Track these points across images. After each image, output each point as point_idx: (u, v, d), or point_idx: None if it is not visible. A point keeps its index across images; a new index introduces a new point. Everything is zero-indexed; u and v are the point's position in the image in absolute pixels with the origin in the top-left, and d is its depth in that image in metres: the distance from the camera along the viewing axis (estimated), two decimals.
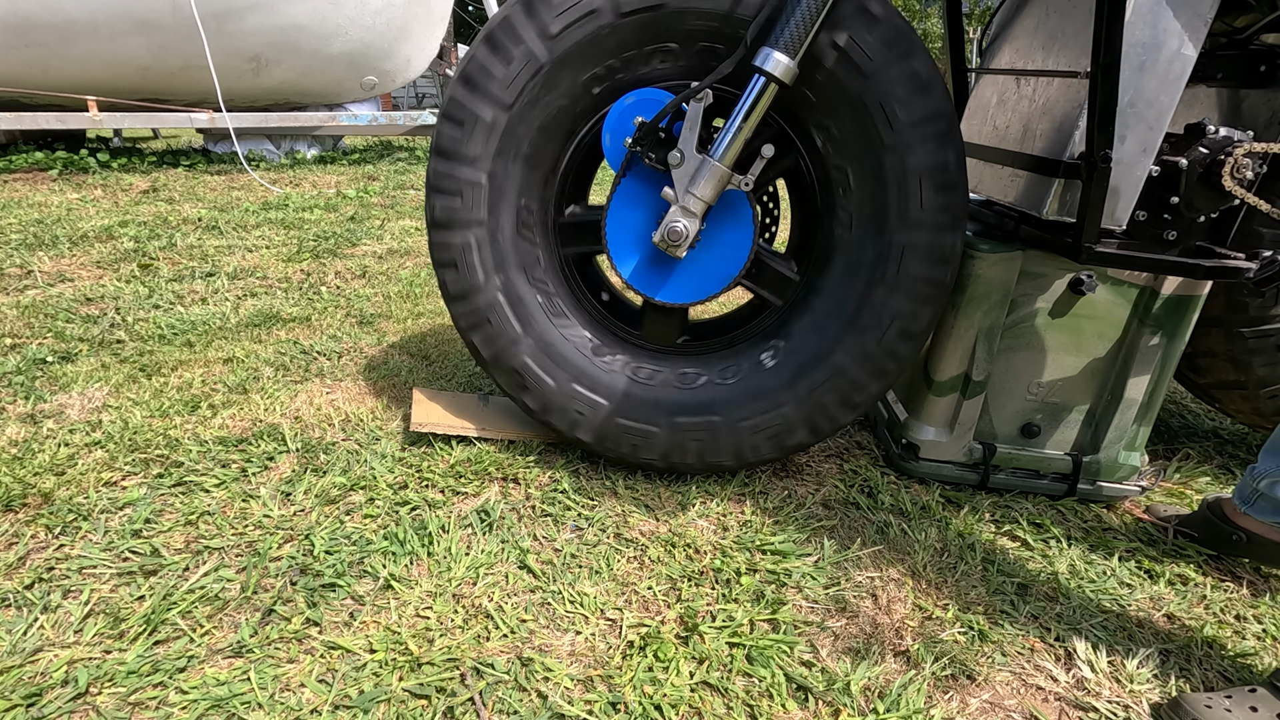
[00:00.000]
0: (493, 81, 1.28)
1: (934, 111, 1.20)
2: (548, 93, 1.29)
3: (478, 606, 1.10)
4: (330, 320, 2.26)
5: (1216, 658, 1.10)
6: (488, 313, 1.40)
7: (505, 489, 1.41)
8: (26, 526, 1.21)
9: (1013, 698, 1.00)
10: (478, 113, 1.29)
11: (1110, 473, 1.46)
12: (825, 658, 1.05)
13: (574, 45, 1.25)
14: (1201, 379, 1.66)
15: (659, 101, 1.27)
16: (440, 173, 1.33)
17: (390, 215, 3.96)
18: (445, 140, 1.31)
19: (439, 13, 6.10)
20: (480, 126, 1.30)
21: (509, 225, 1.38)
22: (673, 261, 1.37)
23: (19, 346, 1.92)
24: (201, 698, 0.91)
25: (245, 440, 1.51)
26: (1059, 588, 1.23)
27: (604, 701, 0.94)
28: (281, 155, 5.85)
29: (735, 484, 1.46)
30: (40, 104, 4.88)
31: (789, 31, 1.13)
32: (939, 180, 1.23)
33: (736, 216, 1.33)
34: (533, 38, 1.25)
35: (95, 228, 3.24)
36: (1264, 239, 1.38)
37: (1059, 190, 1.24)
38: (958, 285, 1.37)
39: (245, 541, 1.21)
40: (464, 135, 1.31)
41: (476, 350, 1.42)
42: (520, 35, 1.25)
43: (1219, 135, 1.19)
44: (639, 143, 1.27)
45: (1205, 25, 1.13)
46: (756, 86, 1.18)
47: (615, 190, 1.33)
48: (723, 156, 1.22)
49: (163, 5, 4.43)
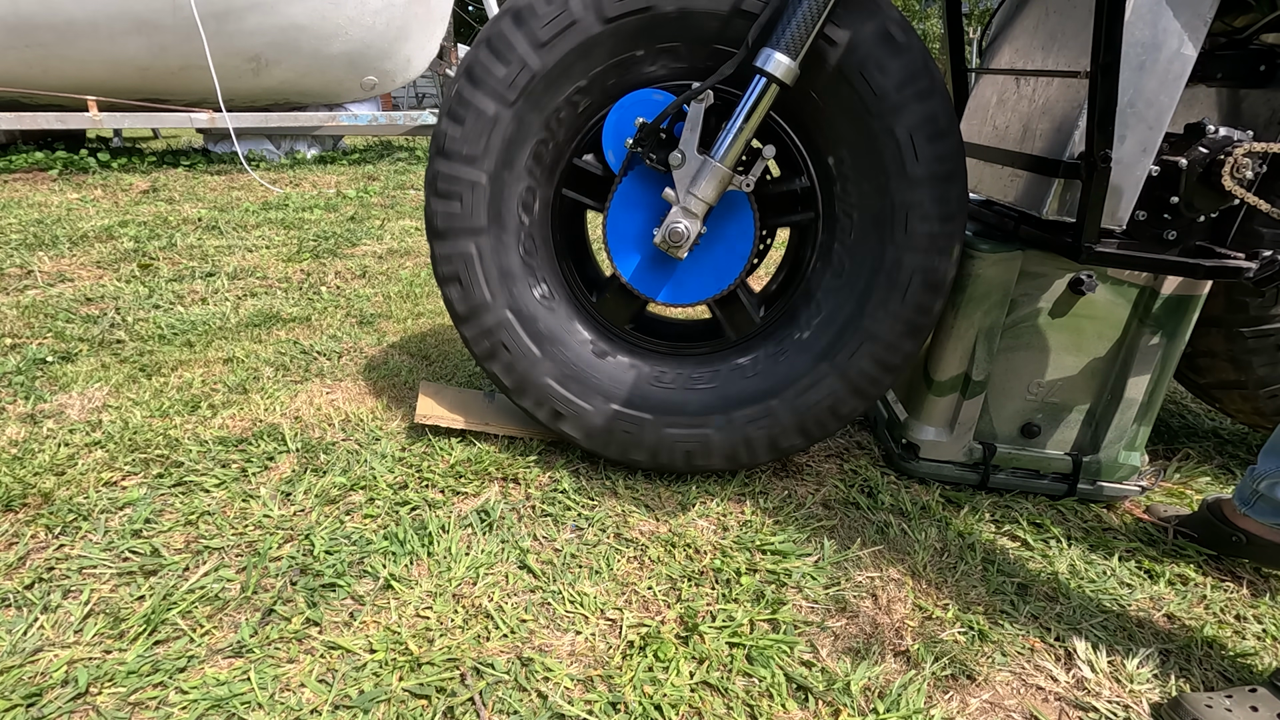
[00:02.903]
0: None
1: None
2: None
3: (478, 606, 1.10)
4: (330, 320, 2.26)
5: (1216, 657, 1.10)
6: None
7: (505, 489, 1.41)
8: (26, 526, 1.21)
9: (1013, 698, 1.00)
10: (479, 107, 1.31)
11: (1110, 473, 1.46)
12: (825, 658, 1.05)
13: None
14: (1201, 379, 1.66)
15: (658, 103, 1.27)
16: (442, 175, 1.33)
17: (390, 215, 3.96)
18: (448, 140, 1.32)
19: (439, 13, 6.10)
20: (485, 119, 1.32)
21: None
22: (673, 262, 1.37)
23: (19, 346, 1.92)
24: (201, 698, 0.91)
25: (245, 440, 1.51)
26: (1059, 588, 1.23)
27: (604, 701, 0.94)
28: (281, 155, 5.85)
29: (735, 484, 1.46)
30: (40, 104, 4.88)
31: (790, 32, 1.13)
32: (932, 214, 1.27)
33: (737, 217, 1.33)
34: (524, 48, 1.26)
35: (95, 228, 3.24)
36: (1264, 239, 1.38)
37: (1059, 190, 1.24)
38: (958, 285, 1.37)
39: (245, 541, 1.21)
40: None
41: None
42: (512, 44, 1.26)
43: (1219, 135, 1.19)
44: (640, 143, 1.26)
45: (1205, 25, 1.13)
46: (758, 87, 1.18)
47: (615, 191, 1.33)
48: (724, 157, 1.22)
49: (163, 5, 4.43)
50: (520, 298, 1.40)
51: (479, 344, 1.40)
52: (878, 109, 1.22)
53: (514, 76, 1.26)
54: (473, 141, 1.29)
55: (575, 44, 1.24)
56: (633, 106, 1.29)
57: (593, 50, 1.25)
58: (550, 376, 1.41)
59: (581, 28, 1.23)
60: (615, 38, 1.24)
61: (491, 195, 1.33)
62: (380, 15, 5.40)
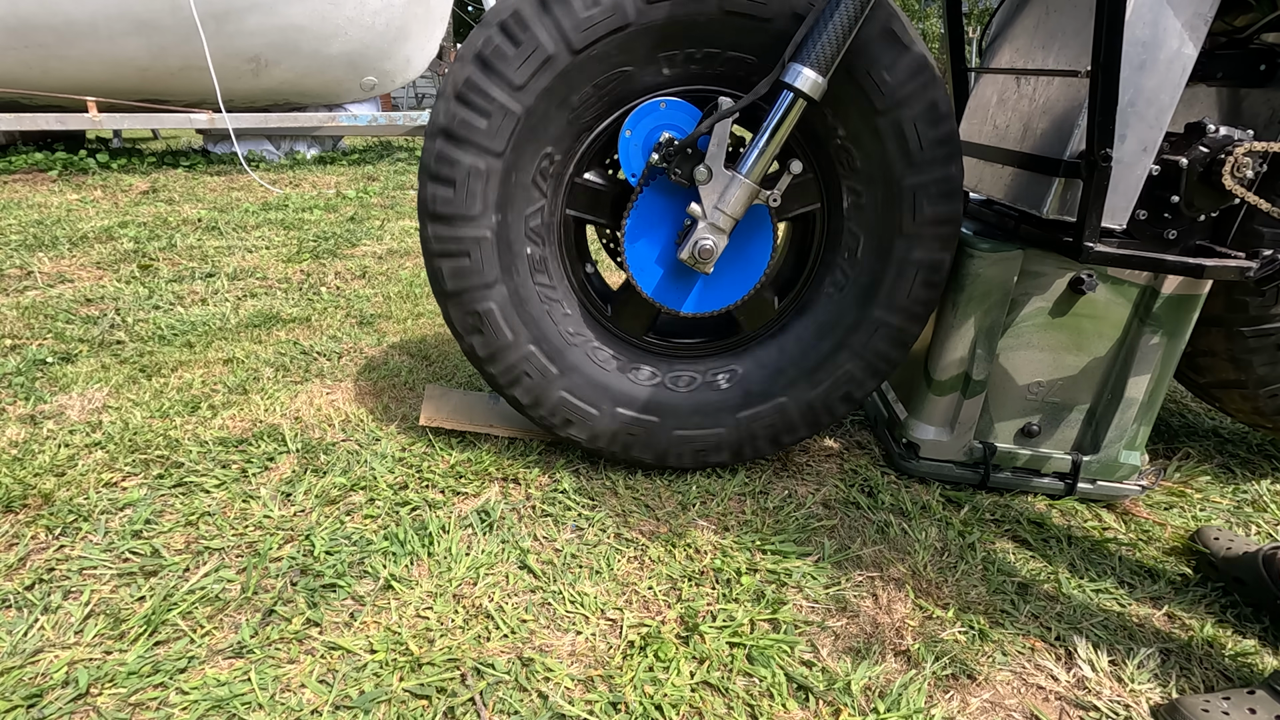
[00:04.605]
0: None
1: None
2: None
3: (478, 606, 1.10)
4: (330, 320, 2.26)
5: (1216, 657, 1.10)
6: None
7: (505, 489, 1.41)
8: (27, 527, 1.21)
9: (1013, 697, 1.00)
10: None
11: (1110, 472, 1.46)
12: (826, 657, 1.05)
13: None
14: (1202, 378, 1.66)
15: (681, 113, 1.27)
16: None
17: (390, 215, 3.96)
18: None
19: (438, 13, 6.11)
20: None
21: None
22: (691, 273, 1.37)
23: (19, 347, 1.92)
24: (202, 698, 0.91)
25: (245, 441, 1.51)
26: (1059, 587, 1.22)
27: (604, 701, 0.94)
28: (281, 156, 5.85)
29: (735, 484, 1.46)
30: (40, 105, 4.88)
31: (819, 49, 1.12)
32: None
33: (757, 228, 1.34)
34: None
35: (95, 228, 3.24)
36: (1264, 238, 1.38)
37: (1059, 189, 1.24)
38: (958, 284, 1.37)
39: (245, 542, 1.21)
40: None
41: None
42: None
43: (1219, 134, 1.19)
44: (666, 159, 1.25)
45: (1205, 24, 1.13)
46: (785, 103, 1.17)
47: (634, 204, 1.32)
48: (750, 172, 1.21)
49: (162, 6, 4.43)
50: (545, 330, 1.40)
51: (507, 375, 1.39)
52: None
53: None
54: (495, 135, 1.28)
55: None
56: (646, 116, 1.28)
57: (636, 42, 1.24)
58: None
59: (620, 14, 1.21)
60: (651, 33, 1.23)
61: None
62: (380, 16, 5.40)
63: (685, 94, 1.29)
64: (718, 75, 1.28)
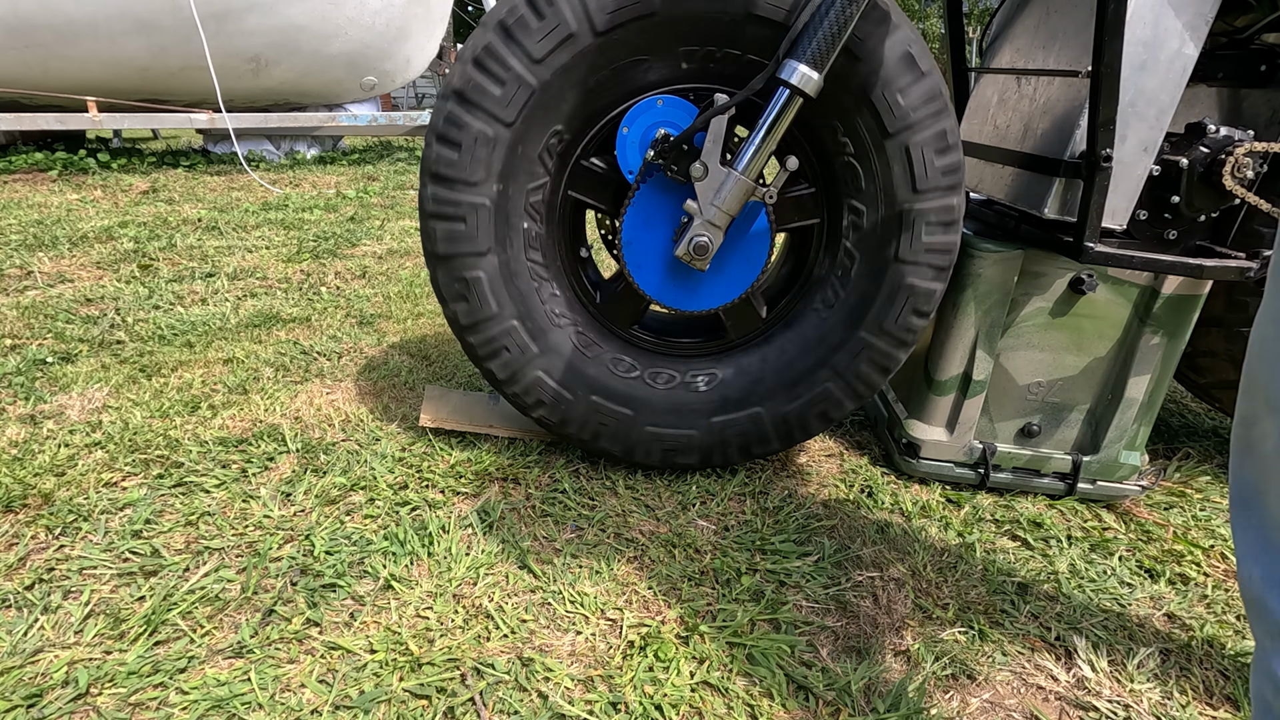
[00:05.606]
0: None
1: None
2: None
3: (478, 607, 1.10)
4: (330, 320, 2.26)
5: (1216, 657, 1.10)
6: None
7: (505, 489, 1.41)
8: (27, 527, 1.21)
9: (1013, 697, 1.00)
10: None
11: (1110, 472, 1.46)
12: (825, 657, 1.05)
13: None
14: (1202, 379, 1.66)
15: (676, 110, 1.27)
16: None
17: (390, 215, 3.96)
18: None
19: (438, 13, 6.11)
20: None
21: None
22: (686, 270, 1.37)
23: (19, 347, 1.92)
24: (202, 698, 0.91)
25: (245, 441, 1.51)
26: (1059, 587, 1.22)
27: (604, 701, 0.94)
28: (281, 156, 5.85)
29: (735, 484, 1.46)
30: (40, 104, 4.88)
31: (815, 45, 1.12)
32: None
33: (753, 224, 1.34)
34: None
35: (95, 228, 3.24)
36: (1264, 238, 1.38)
37: (1060, 189, 1.24)
38: (958, 284, 1.37)
39: (245, 542, 1.21)
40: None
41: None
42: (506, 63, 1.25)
43: (1220, 135, 1.19)
44: (662, 155, 1.25)
45: (1206, 24, 1.13)
46: (781, 99, 1.17)
47: (631, 201, 1.32)
48: (747, 169, 1.21)
49: (162, 6, 4.44)
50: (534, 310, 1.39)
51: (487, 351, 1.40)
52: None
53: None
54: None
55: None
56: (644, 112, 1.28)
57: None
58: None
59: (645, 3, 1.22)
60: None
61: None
62: (380, 15, 5.41)
63: (699, 92, 1.29)
64: (735, 77, 1.28)
